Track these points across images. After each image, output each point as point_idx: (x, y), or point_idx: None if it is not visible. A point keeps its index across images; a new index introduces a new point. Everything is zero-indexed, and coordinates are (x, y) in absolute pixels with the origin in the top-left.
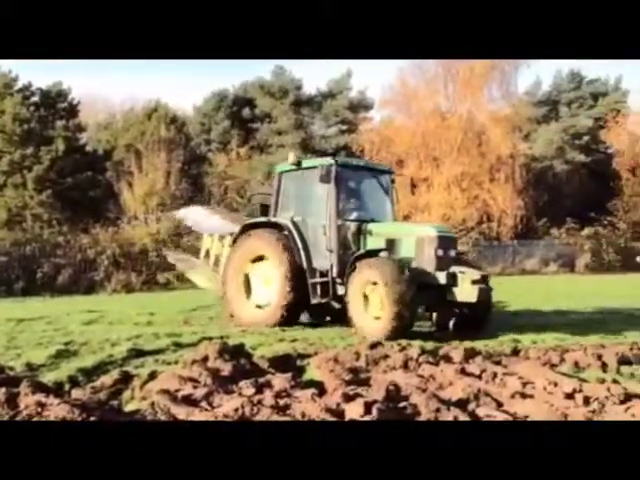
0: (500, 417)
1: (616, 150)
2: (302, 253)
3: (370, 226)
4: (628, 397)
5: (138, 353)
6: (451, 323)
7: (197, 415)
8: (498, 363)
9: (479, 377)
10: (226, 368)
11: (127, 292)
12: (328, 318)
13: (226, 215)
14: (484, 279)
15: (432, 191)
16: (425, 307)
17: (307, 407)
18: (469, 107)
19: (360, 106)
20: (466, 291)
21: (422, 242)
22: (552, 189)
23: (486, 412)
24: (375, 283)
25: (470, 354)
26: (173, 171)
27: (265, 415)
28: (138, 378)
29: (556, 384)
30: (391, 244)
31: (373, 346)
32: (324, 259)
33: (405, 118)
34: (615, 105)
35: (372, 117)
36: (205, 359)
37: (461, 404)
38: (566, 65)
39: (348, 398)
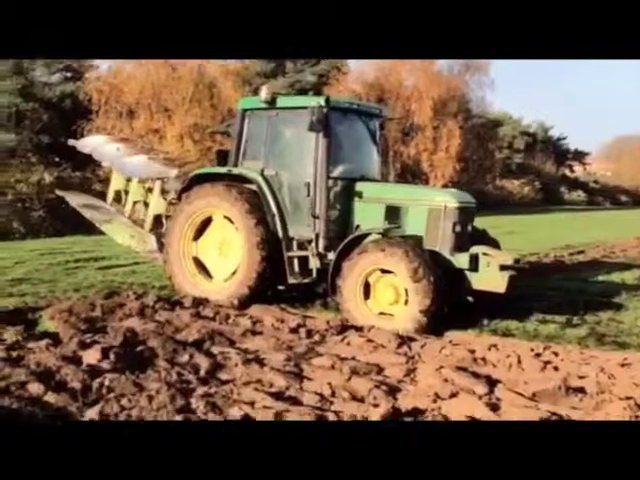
0: (233, 352)
1: None
2: (277, 217)
3: (361, 186)
4: (345, 328)
5: None
6: None
7: None
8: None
9: (213, 319)
10: None
11: None
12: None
13: (155, 155)
14: (515, 264)
15: (165, 143)
16: None
17: (42, 357)
18: (200, 60)
19: None
20: (492, 278)
21: (437, 214)
22: None
23: (220, 350)
24: (386, 271)
25: (200, 301)
26: None
27: None
28: None
29: (283, 320)
30: (393, 213)
31: (108, 296)
32: (304, 227)
33: (135, 67)
34: (336, 63)
35: (99, 65)
36: None
37: (197, 344)
38: None
39: (85, 345)
